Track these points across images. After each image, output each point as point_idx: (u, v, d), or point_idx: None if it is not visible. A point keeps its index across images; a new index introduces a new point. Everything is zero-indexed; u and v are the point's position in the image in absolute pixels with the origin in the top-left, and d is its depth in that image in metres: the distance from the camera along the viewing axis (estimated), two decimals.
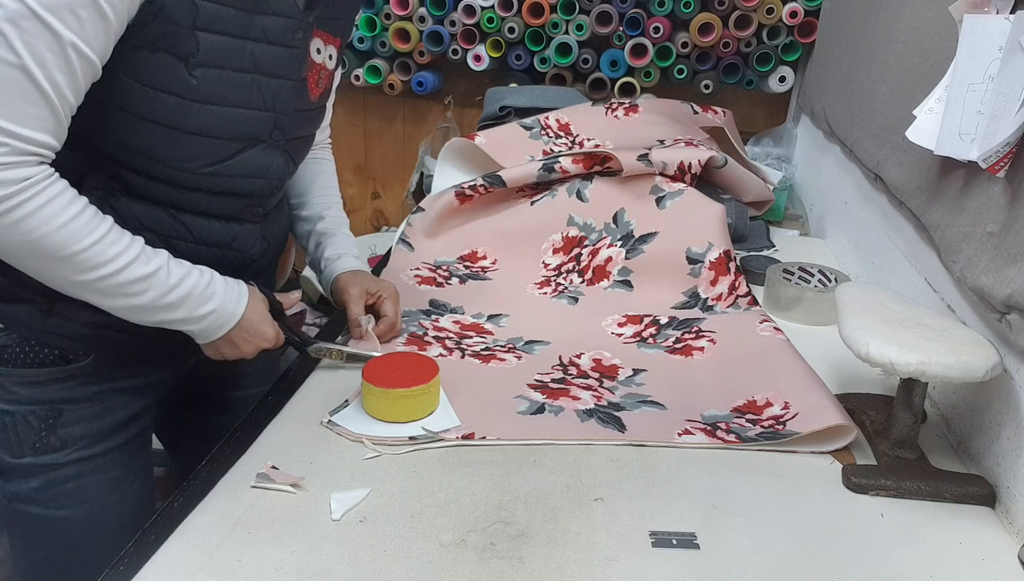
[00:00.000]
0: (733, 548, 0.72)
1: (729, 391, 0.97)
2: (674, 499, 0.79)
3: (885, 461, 0.84)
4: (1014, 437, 0.79)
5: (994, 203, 0.83)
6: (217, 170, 0.87)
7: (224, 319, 0.87)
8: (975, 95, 0.84)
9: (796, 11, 1.77)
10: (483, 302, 1.19)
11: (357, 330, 1.03)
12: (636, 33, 1.82)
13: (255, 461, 0.82)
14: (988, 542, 0.75)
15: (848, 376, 1.02)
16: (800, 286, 1.23)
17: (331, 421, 0.88)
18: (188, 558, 0.69)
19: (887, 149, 1.16)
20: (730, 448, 0.86)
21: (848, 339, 0.83)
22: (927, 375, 0.77)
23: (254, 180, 0.92)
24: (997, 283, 0.79)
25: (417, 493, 0.78)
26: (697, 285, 1.22)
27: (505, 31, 1.86)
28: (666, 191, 1.31)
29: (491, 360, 1.03)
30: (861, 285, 1.01)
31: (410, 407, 0.88)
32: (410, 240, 1.37)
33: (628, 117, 1.61)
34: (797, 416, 0.89)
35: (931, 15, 1.07)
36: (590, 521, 0.75)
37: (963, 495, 0.80)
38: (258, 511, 0.75)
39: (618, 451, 0.86)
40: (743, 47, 1.83)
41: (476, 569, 0.69)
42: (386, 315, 1.05)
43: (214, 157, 0.87)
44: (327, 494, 0.77)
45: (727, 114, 1.72)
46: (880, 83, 1.25)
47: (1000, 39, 0.80)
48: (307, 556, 0.70)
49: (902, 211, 1.11)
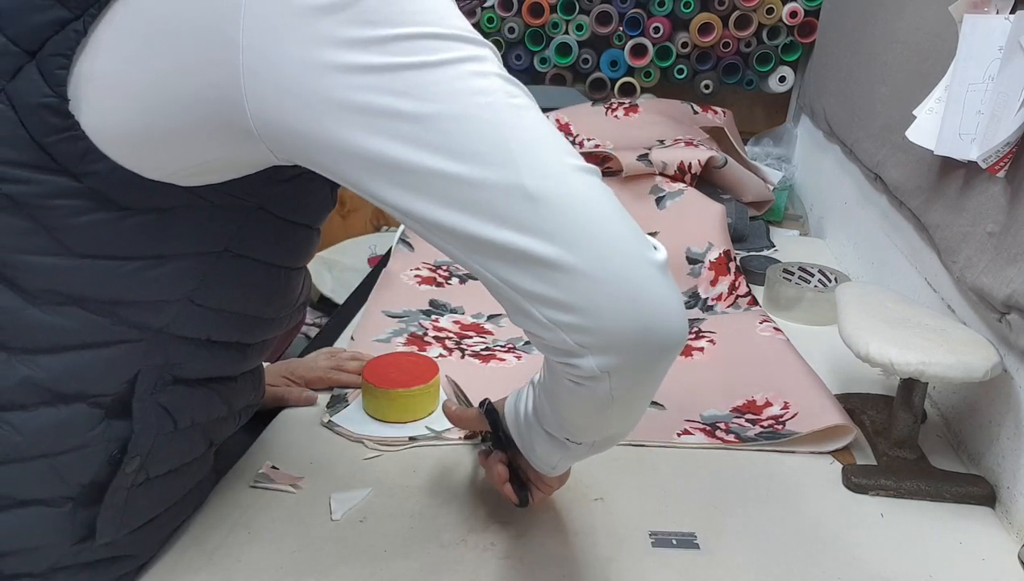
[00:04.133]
0: (733, 548, 0.72)
1: (729, 391, 0.97)
2: (674, 499, 0.78)
3: (885, 461, 0.84)
4: (1014, 437, 0.79)
5: (994, 203, 0.83)
6: (296, 305, 0.73)
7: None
8: (975, 95, 0.84)
9: (796, 11, 1.77)
10: (483, 302, 1.19)
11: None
12: (636, 33, 1.82)
13: (255, 461, 0.82)
14: (988, 542, 0.75)
15: (848, 376, 1.02)
16: (800, 286, 1.23)
17: (331, 421, 0.88)
18: (188, 558, 0.69)
19: (887, 149, 1.16)
20: (730, 448, 0.86)
21: (848, 339, 0.83)
22: (927, 375, 0.77)
23: (304, 309, 0.78)
24: (997, 283, 0.79)
25: (417, 493, 0.78)
26: (697, 285, 1.22)
27: (505, 31, 1.86)
28: (666, 191, 1.31)
29: (491, 360, 1.03)
30: (861, 285, 1.01)
31: (410, 407, 0.88)
32: (410, 240, 1.37)
33: (628, 117, 1.61)
34: (797, 416, 0.89)
35: (931, 15, 1.07)
36: (590, 521, 0.75)
37: (963, 495, 0.80)
38: (258, 511, 0.75)
39: (618, 451, 0.85)
40: (743, 47, 1.83)
41: (476, 569, 0.69)
42: (352, 371, 0.96)
43: (298, 290, 0.72)
44: (327, 494, 0.77)
45: (727, 114, 1.72)
46: (880, 83, 1.25)
47: (1000, 39, 0.80)
48: (307, 556, 0.70)
49: (902, 211, 1.11)
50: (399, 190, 0.49)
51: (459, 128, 0.48)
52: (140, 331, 0.59)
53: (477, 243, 0.49)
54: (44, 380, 0.56)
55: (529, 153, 0.48)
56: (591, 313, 0.48)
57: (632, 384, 0.53)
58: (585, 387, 0.53)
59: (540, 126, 0.50)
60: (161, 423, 0.62)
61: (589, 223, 0.48)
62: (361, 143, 0.48)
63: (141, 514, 0.64)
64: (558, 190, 0.48)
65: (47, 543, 0.60)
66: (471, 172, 0.48)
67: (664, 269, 0.50)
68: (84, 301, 0.56)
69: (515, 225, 0.48)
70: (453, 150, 0.48)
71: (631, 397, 0.55)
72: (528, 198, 0.48)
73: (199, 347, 0.63)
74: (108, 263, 0.56)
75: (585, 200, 0.49)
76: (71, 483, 0.59)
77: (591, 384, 0.52)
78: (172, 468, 0.66)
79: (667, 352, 0.51)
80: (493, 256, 0.49)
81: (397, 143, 0.48)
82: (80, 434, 0.58)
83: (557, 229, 0.48)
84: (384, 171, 0.49)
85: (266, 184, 0.59)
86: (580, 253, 0.48)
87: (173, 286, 0.59)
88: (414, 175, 0.48)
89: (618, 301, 0.48)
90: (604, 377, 0.51)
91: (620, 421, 0.59)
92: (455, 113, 0.48)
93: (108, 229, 0.55)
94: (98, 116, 0.52)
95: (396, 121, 0.48)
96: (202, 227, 0.58)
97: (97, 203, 0.54)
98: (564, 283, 0.48)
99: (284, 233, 0.65)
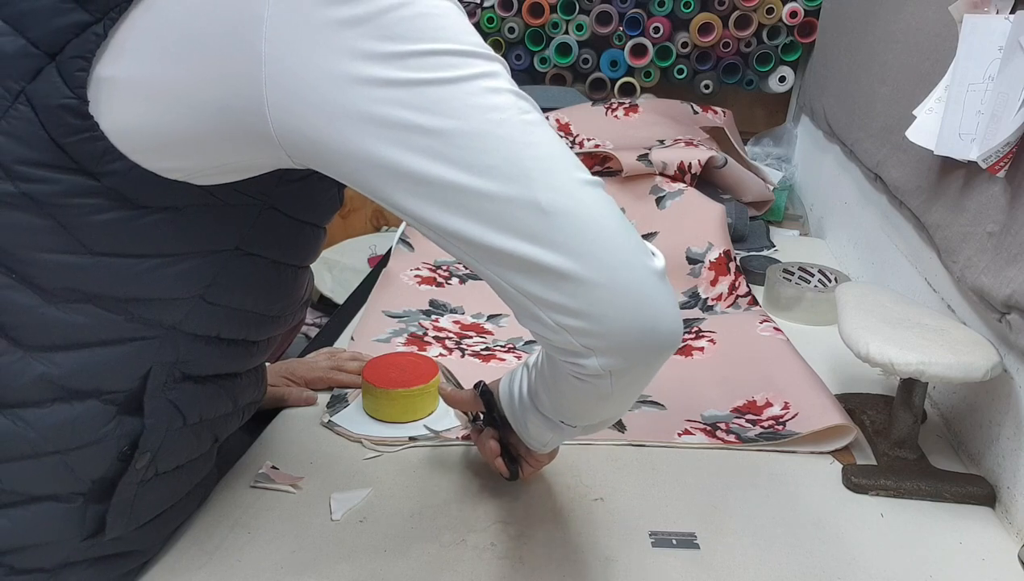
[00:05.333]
0: (733, 548, 0.72)
1: (729, 391, 0.97)
2: (674, 499, 0.78)
3: (885, 461, 0.84)
4: (1014, 437, 0.79)
5: (994, 203, 0.83)
6: (300, 303, 0.74)
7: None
8: (975, 95, 0.84)
9: (796, 11, 1.77)
10: (483, 302, 1.19)
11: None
12: (636, 33, 1.82)
13: (255, 461, 0.82)
14: (988, 542, 0.75)
15: (848, 376, 1.02)
16: (800, 286, 1.23)
17: (331, 421, 0.88)
18: (188, 558, 0.69)
19: (887, 149, 1.16)
20: (730, 448, 0.86)
21: (848, 339, 0.83)
22: (927, 375, 0.77)
23: (307, 306, 0.78)
24: (997, 283, 0.79)
25: (417, 493, 0.78)
26: (697, 285, 1.22)
27: (505, 31, 1.86)
28: (666, 191, 1.31)
29: (491, 360, 1.03)
30: (861, 285, 1.01)
31: (410, 407, 0.88)
32: (410, 240, 1.37)
33: (628, 117, 1.61)
34: (797, 416, 0.89)
35: (931, 15, 1.07)
36: (590, 521, 0.75)
37: (963, 495, 0.80)
38: (258, 511, 0.75)
39: (618, 451, 0.86)
40: (743, 47, 1.83)
41: (476, 569, 0.69)
42: (352, 371, 0.97)
43: (304, 287, 0.73)
44: (327, 494, 0.77)
45: (727, 114, 1.73)
46: (880, 83, 1.25)
47: (1000, 39, 0.80)
48: (307, 556, 0.70)
49: (902, 211, 1.11)
50: (416, 200, 0.51)
51: (475, 143, 0.50)
52: (153, 328, 0.60)
53: (492, 253, 0.52)
54: (59, 377, 0.57)
55: (541, 168, 0.51)
56: (598, 319, 0.51)
57: (631, 380, 0.57)
58: (588, 383, 0.57)
59: (551, 142, 0.52)
60: (171, 419, 0.63)
61: (598, 236, 0.51)
62: (381, 154, 0.50)
63: (149, 509, 0.65)
64: (569, 204, 0.50)
65: (58, 538, 0.60)
66: (487, 185, 0.50)
67: (662, 276, 0.54)
68: (99, 299, 0.57)
69: (529, 237, 0.50)
70: (470, 164, 0.50)
71: (628, 390, 0.60)
72: (541, 212, 0.50)
73: (208, 344, 0.64)
74: (124, 261, 0.56)
75: (594, 214, 0.51)
76: (82, 479, 0.60)
77: (594, 381, 0.56)
78: (179, 464, 0.66)
79: (664, 351, 0.55)
80: (507, 265, 0.52)
81: (415, 155, 0.50)
82: (93, 430, 0.59)
83: (568, 241, 0.50)
84: (403, 182, 0.51)
85: (278, 184, 0.60)
86: (589, 264, 0.50)
87: (186, 284, 0.60)
88: (431, 186, 0.50)
89: (623, 309, 0.51)
90: (607, 375, 0.55)
91: (615, 408, 0.64)
92: (471, 129, 0.50)
93: (124, 227, 0.55)
94: (118, 118, 0.52)
95: (415, 134, 0.49)
96: (215, 225, 0.59)
97: (114, 202, 0.54)
98: (573, 291, 0.51)
99: (293, 232, 0.66)
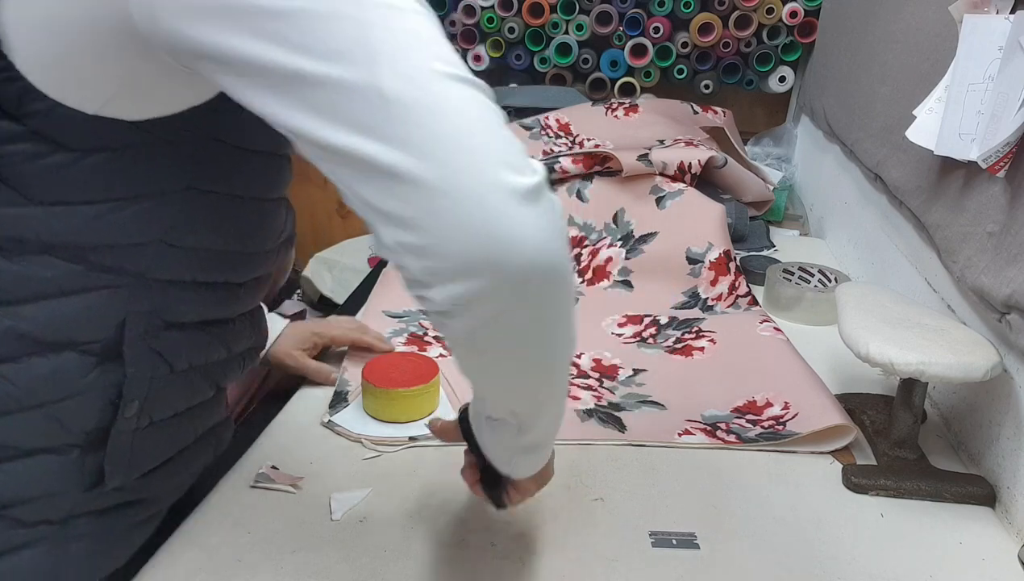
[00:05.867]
0: (733, 548, 0.72)
1: (729, 391, 0.97)
2: (674, 499, 0.78)
3: (885, 461, 0.84)
4: (1014, 437, 0.79)
5: (994, 203, 0.83)
6: (280, 241, 0.71)
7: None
8: (975, 95, 0.84)
9: (796, 11, 1.77)
10: None
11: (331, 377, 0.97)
12: (636, 33, 1.82)
13: (255, 461, 0.82)
14: (988, 542, 0.75)
15: (848, 376, 1.02)
16: (800, 286, 1.23)
17: (331, 421, 0.88)
18: (188, 558, 0.69)
19: (887, 149, 1.16)
20: (730, 448, 0.86)
21: (848, 339, 0.83)
22: (927, 375, 0.77)
23: (291, 245, 0.76)
24: (997, 283, 0.79)
25: (417, 493, 0.78)
26: (697, 285, 1.22)
27: (505, 31, 1.86)
28: (666, 191, 1.31)
29: None
30: (861, 285, 1.01)
31: (410, 407, 0.88)
32: None
33: (628, 117, 1.61)
34: (797, 416, 0.89)
35: (931, 15, 1.07)
36: (590, 521, 0.75)
37: (963, 495, 0.80)
38: (258, 511, 0.75)
39: (618, 451, 0.86)
40: (743, 47, 1.83)
41: (476, 569, 0.69)
42: (374, 346, 0.99)
43: (280, 223, 0.71)
44: (327, 494, 0.77)
45: (727, 114, 1.72)
46: (880, 83, 1.25)
47: (1000, 39, 0.80)
48: (307, 556, 0.70)
49: (902, 211, 1.11)
50: (258, 92, 0.46)
51: (320, 24, 0.44)
52: (119, 276, 0.59)
53: (328, 150, 0.45)
54: (29, 330, 0.57)
55: (391, 53, 0.44)
56: (432, 232, 0.43)
57: (494, 325, 0.47)
58: (445, 329, 0.49)
59: (417, 29, 0.46)
60: (155, 367, 0.62)
61: (444, 132, 0.43)
62: (227, 43, 0.45)
63: (150, 458, 0.65)
64: (416, 94, 0.43)
65: (60, 490, 0.60)
66: (327, 70, 0.44)
67: (529, 194, 0.44)
68: (55, 249, 0.56)
69: (364, 129, 0.44)
70: (310, 48, 0.44)
71: (502, 344, 0.48)
72: (382, 100, 0.43)
73: (185, 289, 0.63)
74: (72, 209, 0.56)
75: (445, 108, 0.44)
76: (74, 430, 0.60)
77: (447, 323, 0.48)
78: (177, 412, 0.66)
79: (524, 287, 0.45)
80: (342, 162, 0.45)
81: (259, 41, 0.45)
82: (74, 382, 0.59)
83: (407, 135, 0.43)
84: (247, 73, 0.46)
85: (212, 114, 0.57)
86: (427, 162, 0.43)
87: (143, 228, 0.58)
88: (271, 76, 0.45)
89: (462, 221, 0.43)
90: (457, 313, 0.46)
91: (514, 380, 0.53)
92: (320, 10, 0.44)
93: (64, 174, 0.54)
94: (22, 51, 0.51)
95: (260, 18, 0.44)
96: (158, 165, 0.58)
97: (46, 146, 0.54)
98: (407, 196, 0.43)
99: (244, 162, 0.63)
